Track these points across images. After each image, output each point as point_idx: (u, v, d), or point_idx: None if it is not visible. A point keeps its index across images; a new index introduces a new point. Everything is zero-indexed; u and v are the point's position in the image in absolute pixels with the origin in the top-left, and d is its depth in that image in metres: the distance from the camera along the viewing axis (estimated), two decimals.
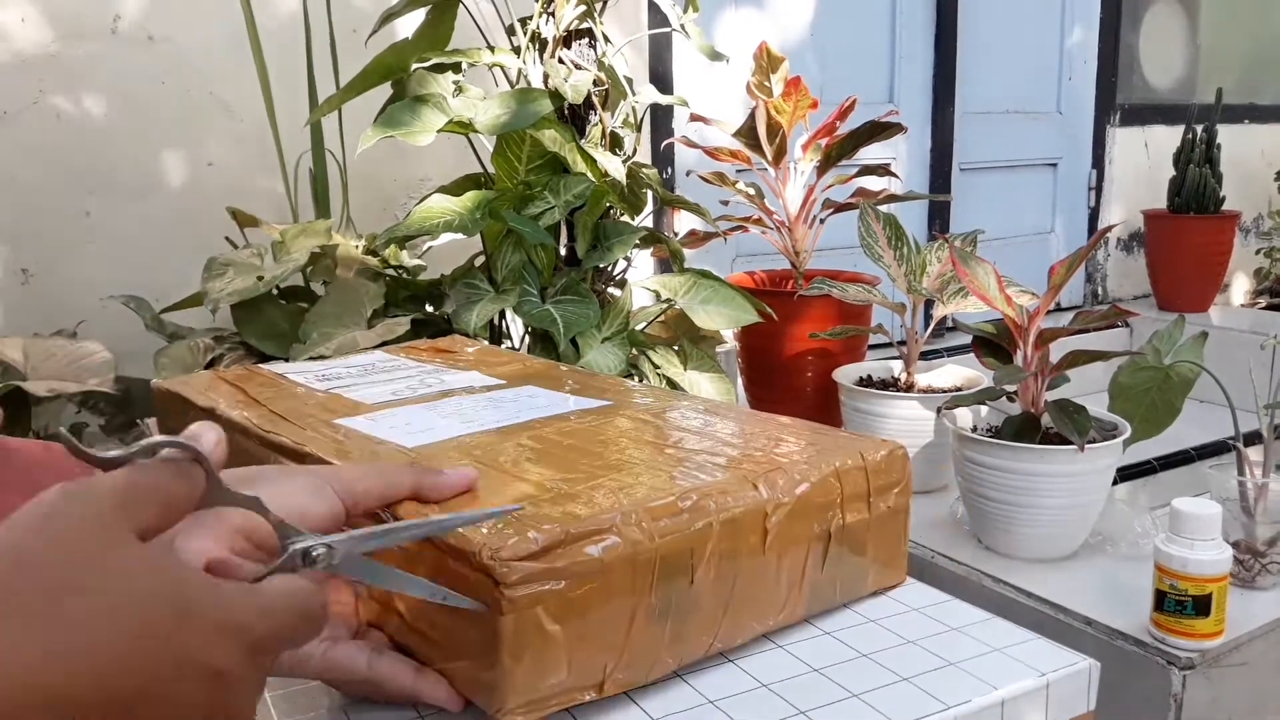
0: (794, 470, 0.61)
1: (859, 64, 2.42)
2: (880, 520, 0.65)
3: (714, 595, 0.56)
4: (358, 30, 1.59)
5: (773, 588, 0.60)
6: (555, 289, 1.36)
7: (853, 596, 0.65)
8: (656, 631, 0.54)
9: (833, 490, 0.62)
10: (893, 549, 0.67)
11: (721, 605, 0.57)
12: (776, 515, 0.58)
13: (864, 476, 0.64)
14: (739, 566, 0.57)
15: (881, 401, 1.46)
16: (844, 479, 0.63)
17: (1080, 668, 0.60)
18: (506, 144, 1.34)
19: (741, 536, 0.57)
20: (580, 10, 1.40)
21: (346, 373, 0.86)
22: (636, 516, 0.52)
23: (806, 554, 0.61)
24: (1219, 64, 3.04)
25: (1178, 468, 1.88)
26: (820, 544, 0.62)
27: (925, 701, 0.55)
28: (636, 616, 0.52)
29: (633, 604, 0.52)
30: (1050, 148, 2.79)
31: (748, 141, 1.69)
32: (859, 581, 0.65)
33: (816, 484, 0.61)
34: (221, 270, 1.33)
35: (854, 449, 0.65)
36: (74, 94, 1.56)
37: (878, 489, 0.65)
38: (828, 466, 0.62)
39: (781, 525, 0.59)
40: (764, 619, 0.60)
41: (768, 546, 0.58)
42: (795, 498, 0.59)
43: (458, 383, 0.82)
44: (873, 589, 0.67)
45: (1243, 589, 1.16)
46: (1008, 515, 1.24)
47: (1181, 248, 2.64)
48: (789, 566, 0.60)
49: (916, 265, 1.52)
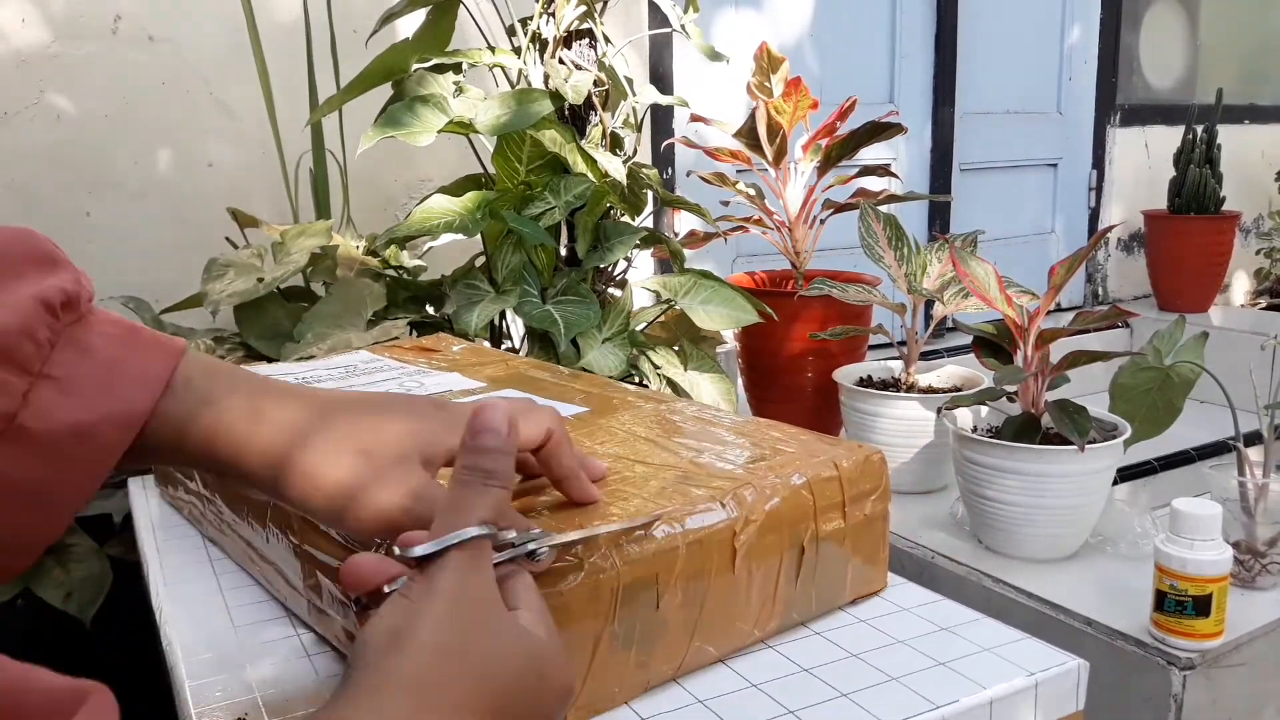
0: (764, 485, 0.59)
1: (859, 64, 2.42)
2: (858, 528, 0.64)
3: (681, 618, 0.55)
4: (358, 31, 1.59)
5: (743, 605, 0.58)
6: (556, 289, 1.36)
7: (831, 606, 0.64)
8: (621, 658, 0.53)
9: (805, 503, 0.61)
10: (872, 556, 0.66)
11: (689, 627, 0.56)
12: (746, 533, 0.57)
13: (838, 486, 0.62)
14: (707, 587, 0.56)
15: (881, 402, 1.46)
16: (817, 490, 0.61)
17: (1069, 667, 0.60)
18: (507, 144, 1.34)
19: (709, 557, 0.56)
20: (580, 11, 1.40)
21: (327, 374, 0.86)
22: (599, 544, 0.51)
23: (779, 569, 0.60)
24: (1219, 64, 3.04)
25: (1178, 468, 1.88)
26: (793, 557, 0.60)
27: (914, 701, 0.55)
28: (600, 644, 0.52)
29: (595, 631, 0.51)
30: (1050, 148, 2.79)
31: (748, 142, 1.70)
32: (836, 591, 0.64)
33: (788, 498, 0.60)
34: (222, 271, 1.33)
35: (828, 458, 0.63)
36: (74, 94, 1.56)
37: (854, 497, 0.63)
38: (800, 479, 0.61)
39: (751, 542, 0.57)
40: (735, 637, 0.59)
41: (737, 565, 0.57)
42: (765, 514, 0.58)
43: (436, 386, 0.81)
44: (852, 597, 0.65)
45: (1243, 589, 1.16)
46: (1008, 515, 1.24)
47: (1182, 248, 2.64)
48: (760, 583, 0.59)
49: (917, 266, 1.52)
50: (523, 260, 1.34)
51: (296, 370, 0.88)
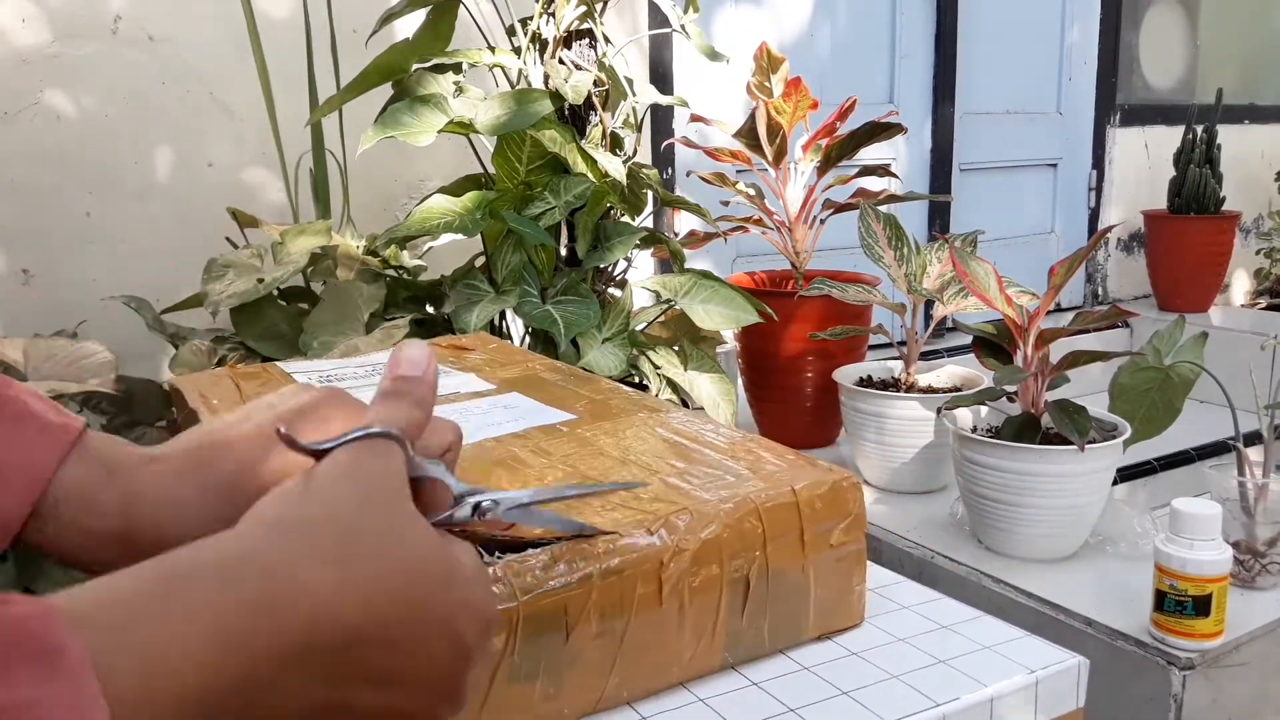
0: (704, 509, 0.55)
1: (859, 64, 2.42)
2: (822, 560, 0.59)
3: (598, 651, 0.51)
4: (358, 30, 1.59)
5: (674, 639, 0.54)
6: (556, 289, 1.36)
7: (791, 643, 0.60)
8: (523, 692, 0.49)
9: (751, 530, 0.56)
10: (841, 589, 0.60)
11: (608, 660, 0.52)
12: (676, 563, 0.53)
13: (794, 513, 0.57)
14: (629, 620, 0.52)
15: (881, 402, 1.46)
16: (766, 517, 0.56)
17: (1069, 665, 0.60)
18: (507, 144, 1.34)
19: (631, 588, 0.51)
20: (580, 11, 1.40)
21: (352, 373, 0.86)
22: (496, 573, 0.48)
23: (719, 602, 0.55)
24: (1219, 64, 3.04)
25: (1178, 468, 1.88)
26: (737, 590, 0.56)
27: (915, 699, 0.55)
28: (496, 678, 0.48)
29: (490, 665, 0.48)
30: (1050, 148, 2.79)
31: (748, 142, 1.70)
32: (796, 626, 0.59)
33: (730, 525, 0.55)
34: (222, 272, 1.33)
35: (784, 482, 0.58)
36: (74, 94, 1.56)
37: (815, 526, 0.58)
38: (747, 504, 0.56)
39: (684, 573, 0.53)
40: (666, 671, 0.55)
41: (665, 597, 0.53)
42: (700, 542, 0.54)
43: (449, 387, 0.81)
44: (817, 633, 0.60)
45: (1243, 589, 1.16)
46: (1008, 515, 1.24)
47: (1181, 248, 2.64)
48: (696, 617, 0.54)
49: (917, 266, 1.52)
50: (523, 260, 1.34)
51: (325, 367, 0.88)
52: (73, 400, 1.30)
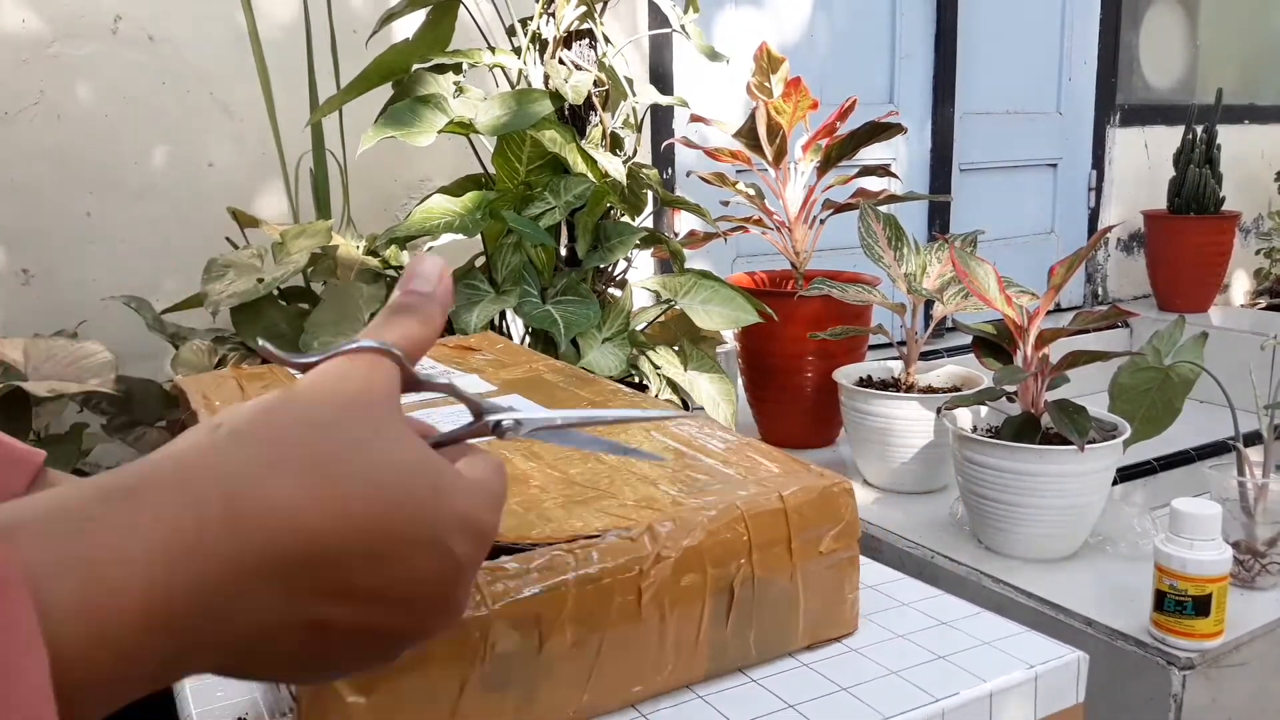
0: (687, 516, 0.53)
1: (859, 64, 2.42)
2: (813, 569, 0.57)
3: (573, 661, 0.50)
4: (358, 31, 1.59)
5: (655, 651, 0.53)
6: (556, 289, 1.36)
7: (780, 653, 0.58)
8: (494, 701, 0.48)
9: (736, 538, 0.54)
10: (833, 597, 0.59)
11: (584, 671, 0.50)
12: (656, 571, 0.51)
13: (782, 519, 0.56)
14: (606, 630, 0.50)
15: (881, 402, 1.46)
16: (753, 524, 0.55)
17: (1069, 660, 0.60)
18: (507, 144, 1.34)
19: (607, 597, 0.50)
20: (580, 11, 1.40)
21: None
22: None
23: (702, 612, 0.54)
24: (1219, 64, 3.04)
25: (1178, 468, 1.88)
26: (721, 599, 0.54)
27: (914, 694, 0.55)
28: (466, 687, 0.47)
29: (460, 673, 0.46)
30: (1050, 148, 2.79)
31: (748, 142, 1.70)
32: (785, 637, 0.58)
33: (713, 532, 0.53)
34: (222, 272, 1.33)
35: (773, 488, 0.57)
36: (74, 95, 1.56)
37: (804, 533, 0.57)
38: (732, 511, 0.54)
39: (664, 582, 0.52)
40: (646, 682, 0.53)
41: (644, 606, 0.51)
42: (682, 550, 0.52)
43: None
44: (807, 643, 0.59)
45: (1243, 589, 1.16)
46: (1007, 515, 1.24)
47: (1181, 248, 2.64)
48: (677, 627, 0.53)
49: (917, 266, 1.52)
50: (523, 260, 1.34)
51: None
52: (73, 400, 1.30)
